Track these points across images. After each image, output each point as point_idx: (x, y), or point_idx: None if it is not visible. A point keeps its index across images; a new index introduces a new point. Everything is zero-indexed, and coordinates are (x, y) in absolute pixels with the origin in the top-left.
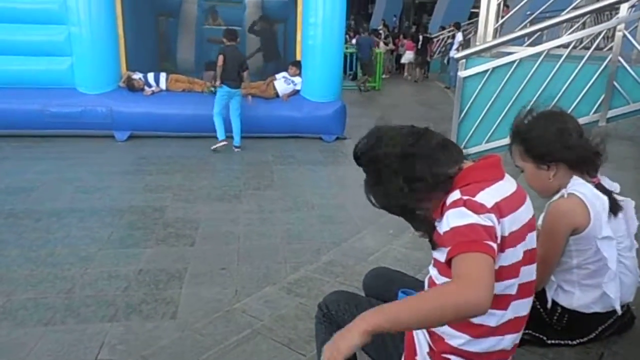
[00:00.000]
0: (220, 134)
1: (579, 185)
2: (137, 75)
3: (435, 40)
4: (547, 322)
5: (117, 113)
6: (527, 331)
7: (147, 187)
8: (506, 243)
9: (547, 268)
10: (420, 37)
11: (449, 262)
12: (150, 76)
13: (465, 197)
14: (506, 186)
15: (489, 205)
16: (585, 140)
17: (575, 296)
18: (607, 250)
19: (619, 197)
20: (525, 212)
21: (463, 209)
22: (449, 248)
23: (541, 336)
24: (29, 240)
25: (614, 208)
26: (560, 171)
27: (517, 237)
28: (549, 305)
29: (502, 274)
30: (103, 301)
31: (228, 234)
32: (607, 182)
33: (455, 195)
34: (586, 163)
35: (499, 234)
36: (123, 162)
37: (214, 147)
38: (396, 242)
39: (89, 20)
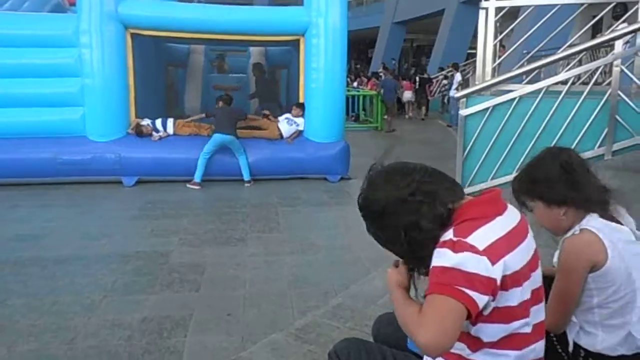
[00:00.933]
0: (198, 175)
1: (592, 220)
2: (146, 122)
3: (434, 80)
4: None
5: (126, 159)
6: None
7: (154, 232)
8: (509, 282)
9: (567, 308)
10: (417, 78)
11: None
12: (158, 122)
13: (455, 239)
14: (506, 222)
15: (482, 247)
16: (593, 175)
17: (599, 338)
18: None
19: (637, 232)
20: (527, 249)
21: (446, 250)
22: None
23: None
24: (34, 289)
25: None
26: (571, 208)
27: (521, 275)
28: (571, 348)
29: (512, 314)
30: (105, 352)
31: (234, 278)
32: (626, 220)
33: (448, 234)
34: (596, 199)
35: (496, 276)
36: (130, 207)
37: (189, 185)
38: None
39: (102, 73)
